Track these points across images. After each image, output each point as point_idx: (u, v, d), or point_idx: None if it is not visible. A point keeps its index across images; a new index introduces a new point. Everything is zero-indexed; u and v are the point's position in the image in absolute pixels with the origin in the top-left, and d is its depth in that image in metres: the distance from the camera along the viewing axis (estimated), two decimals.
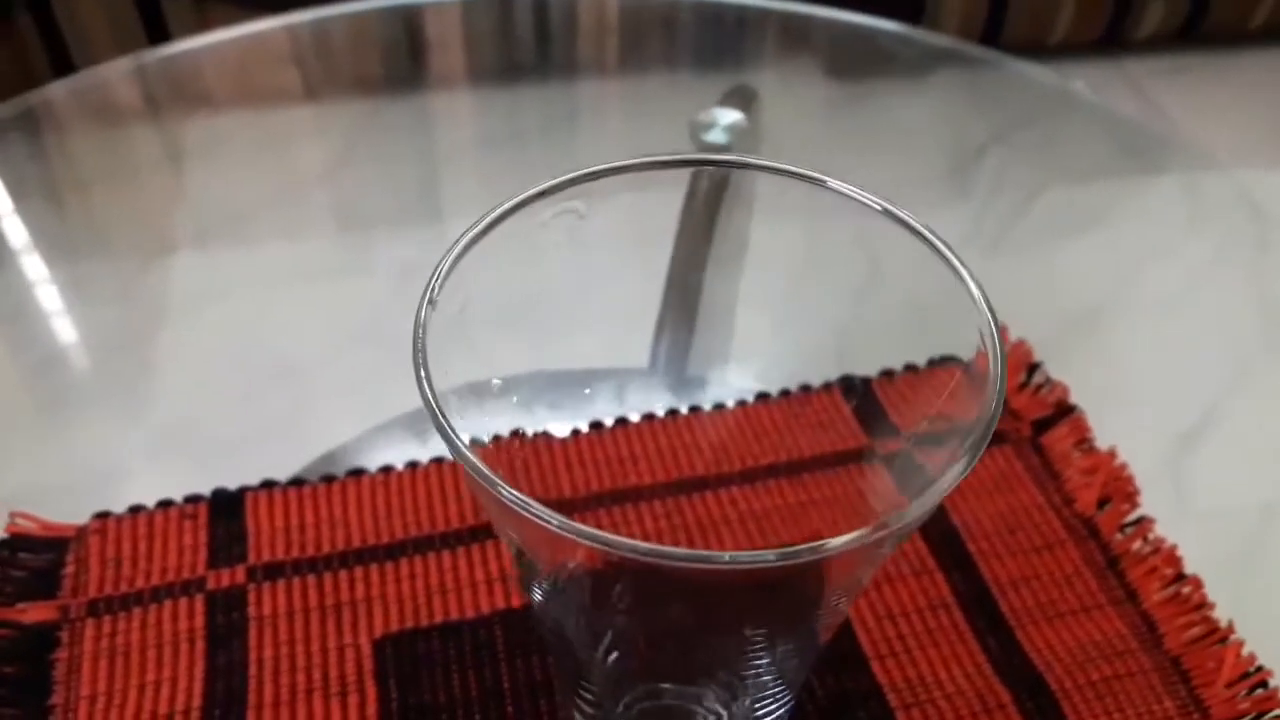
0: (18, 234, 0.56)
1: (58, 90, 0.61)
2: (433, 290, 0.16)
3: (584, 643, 0.23)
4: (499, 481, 0.14)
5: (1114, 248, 0.57)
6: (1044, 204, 0.59)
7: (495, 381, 0.23)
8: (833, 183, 0.19)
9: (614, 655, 0.24)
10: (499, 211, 0.17)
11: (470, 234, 0.16)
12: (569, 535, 0.14)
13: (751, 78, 0.67)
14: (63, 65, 0.91)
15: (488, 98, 0.73)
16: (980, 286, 0.17)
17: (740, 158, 0.19)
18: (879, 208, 0.18)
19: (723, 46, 0.72)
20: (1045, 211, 0.59)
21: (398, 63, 0.72)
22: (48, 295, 0.54)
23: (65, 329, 0.53)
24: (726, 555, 0.14)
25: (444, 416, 0.14)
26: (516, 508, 0.14)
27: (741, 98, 0.59)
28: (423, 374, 0.14)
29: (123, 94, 0.64)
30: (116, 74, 0.63)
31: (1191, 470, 0.42)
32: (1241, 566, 0.36)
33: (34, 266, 0.55)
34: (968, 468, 0.15)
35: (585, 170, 0.18)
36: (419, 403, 0.44)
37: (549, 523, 0.14)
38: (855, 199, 0.18)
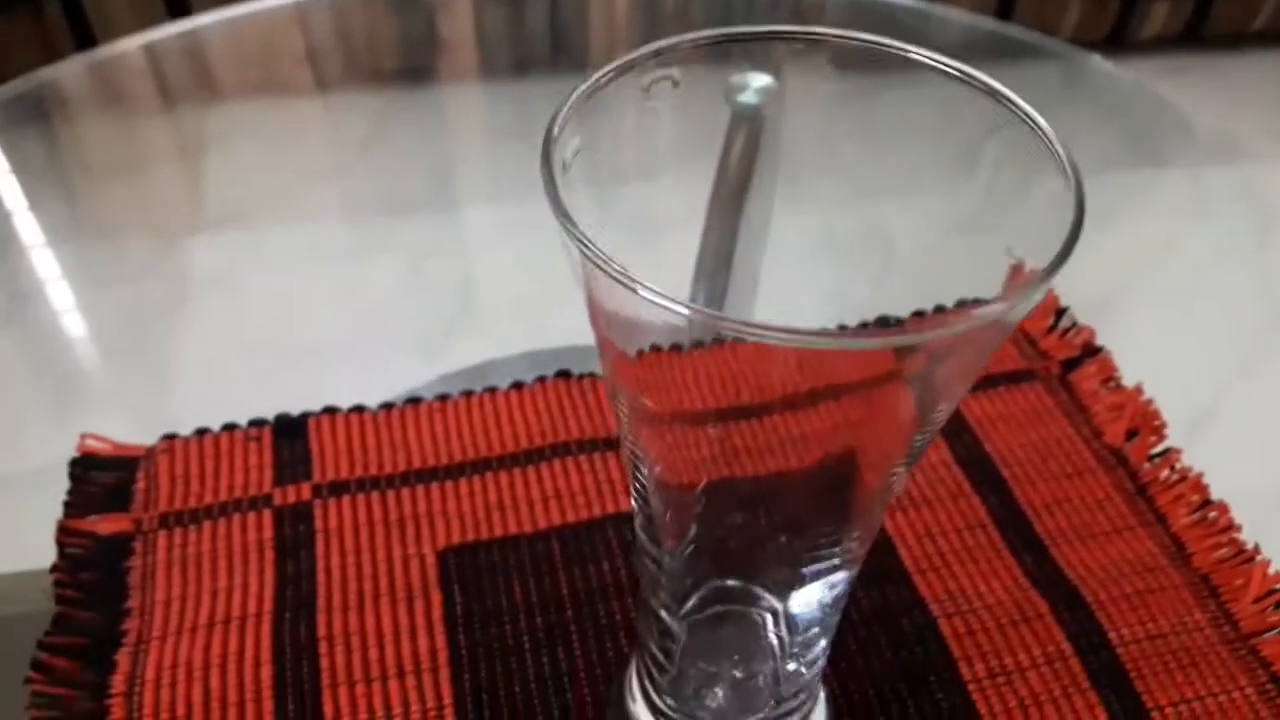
0: (35, 222, 0.57)
1: (68, 69, 0.61)
2: (555, 128, 0.17)
3: (671, 531, 0.24)
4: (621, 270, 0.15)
5: (1120, 240, 0.58)
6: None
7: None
8: (914, 51, 0.20)
9: (691, 549, 0.26)
10: (614, 66, 0.18)
11: (588, 85, 0.18)
12: (691, 313, 0.15)
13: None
14: (86, 42, 0.92)
15: (500, 90, 0.75)
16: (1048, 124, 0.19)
17: (827, 30, 0.21)
18: (955, 71, 0.20)
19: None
20: None
21: (412, 55, 0.73)
22: (65, 282, 0.55)
23: (84, 315, 0.54)
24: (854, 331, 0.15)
25: (570, 219, 0.16)
26: (653, 299, 0.15)
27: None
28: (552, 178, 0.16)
29: (138, 81, 0.65)
30: (128, 53, 0.63)
31: (1200, 457, 0.43)
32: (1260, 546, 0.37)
33: (50, 254, 0.56)
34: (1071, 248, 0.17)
35: (679, 39, 0.19)
36: (434, 376, 0.44)
37: (675, 306, 0.15)
38: (931, 64, 0.20)
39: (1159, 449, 0.37)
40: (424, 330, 0.52)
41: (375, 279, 0.57)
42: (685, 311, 0.16)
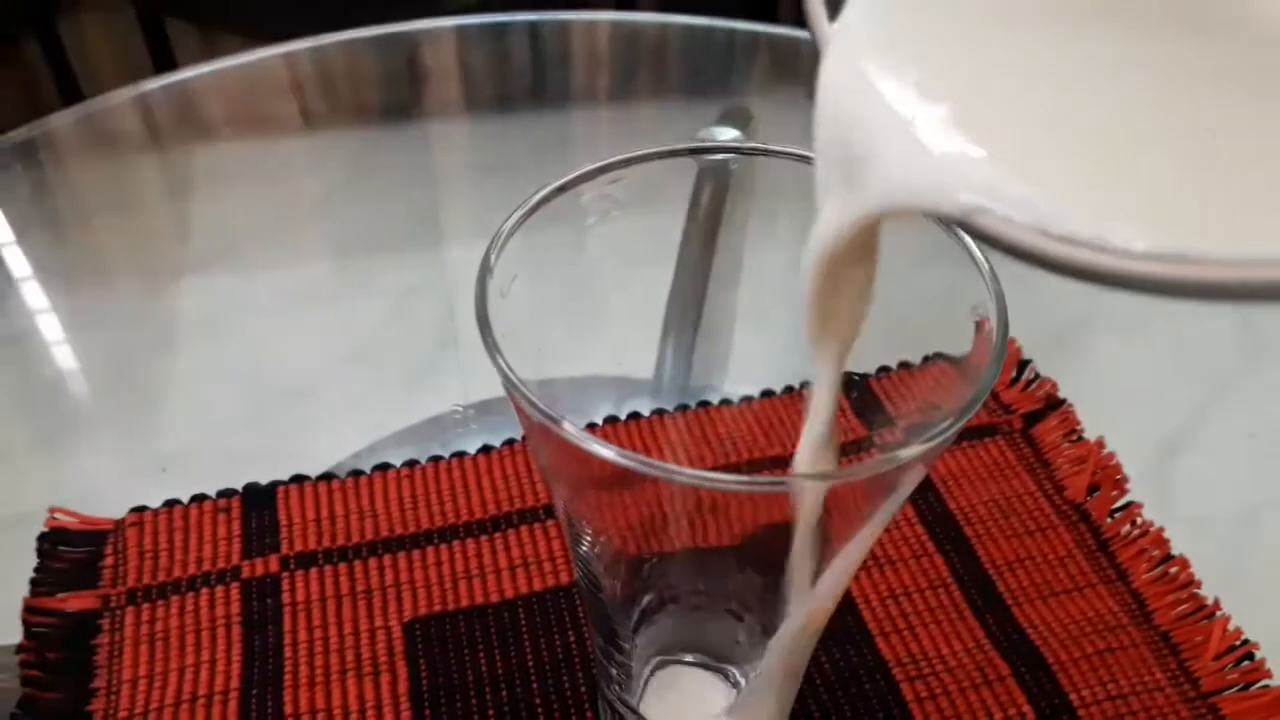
0: (23, 262, 0.58)
1: (61, 120, 0.62)
2: (491, 257, 0.17)
3: (620, 611, 0.24)
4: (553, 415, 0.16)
5: None
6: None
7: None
8: None
9: (643, 628, 0.26)
10: (550, 188, 0.19)
11: (524, 209, 0.18)
12: (623, 461, 0.15)
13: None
14: (70, 93, 0.93)
15: (483, 126, 0.75)
16: (982, 253, 0.19)
17: (777, 147, 0.21)
18: None
19: (710, 77, 0.75)
20: None
21: (395, 93, 0.74)
22: (52, 322, 0.56)
23: (71, 355, 0.54)
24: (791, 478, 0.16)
25: (509, 368, 0.16)
26: (578, 442, 0.16)
27: (738, 117, 0.61)
28: (490, 337, 0.16)
29: (126, 124, 0.65)
30: (118, 104, 0.64)
31: (1174, 478, 0.44)
32: (1224, 571, 0.38)
33: (38, 294, 0.56)
34: (994, 374, 0.17)
35: (629, 154, 0.20)
36: (418, 419, 0.45)
37: (606, 453, 0.15)
38: None
39: (1120, 503, 0.38)
40: (408, 370, 0.53)
41: (360, 317, 0.57)
42: (612, 456, 0.16)
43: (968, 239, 0.19)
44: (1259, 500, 0.45)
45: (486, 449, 0.39)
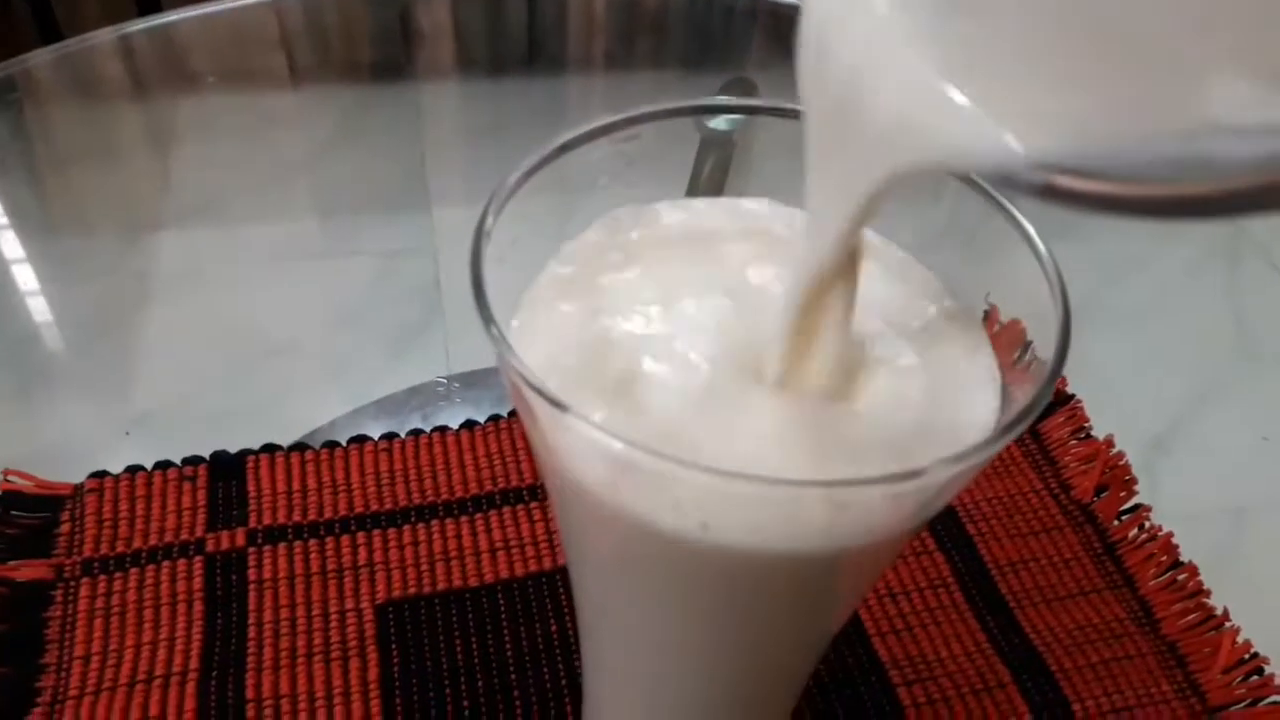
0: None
1: (39, 59, 0.59)
2: (488, 219, 0.15)
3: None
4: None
5: (1089, 258, 0.57)
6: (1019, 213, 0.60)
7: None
8: None
9: None
10: (555, 145, 0.17)
11: (527, 165, 0.16)
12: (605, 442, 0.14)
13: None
14: (53, 38, 0.90)
15: (476, 88, 0.73)
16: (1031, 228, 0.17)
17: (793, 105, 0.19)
18: None
19: (711, 46, 0.73)
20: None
21: (387, 50, 0.72)
22: (29, 272, 0.53)
23: (47, 306, 0.52)
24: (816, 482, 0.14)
25: (499, 329, 0.14)
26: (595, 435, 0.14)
27: (742, 89, 0.59)
28: (487, 308, 0.14)
29: (107, 68, 0.63)
30: (100, 45, 0.62)
31: (1165, 475, 0.42)
32: (1215, 568, 0.37)
33: (14, 243, 0.54)
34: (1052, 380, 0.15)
35: (642, 110, 0.18)
36: (399, 386, 0.43)
37: (615, 443, 0.14)
38: None
39: (1129, 505, 0.36)
40: (392, 335, 0.51)
41: (344, 278, 0.55)
42: (620, 447, 0.14)
43: (1030, 229, 0.17)
44: (1248, 499, 0.44)
45: (470, 424, 0.37)
